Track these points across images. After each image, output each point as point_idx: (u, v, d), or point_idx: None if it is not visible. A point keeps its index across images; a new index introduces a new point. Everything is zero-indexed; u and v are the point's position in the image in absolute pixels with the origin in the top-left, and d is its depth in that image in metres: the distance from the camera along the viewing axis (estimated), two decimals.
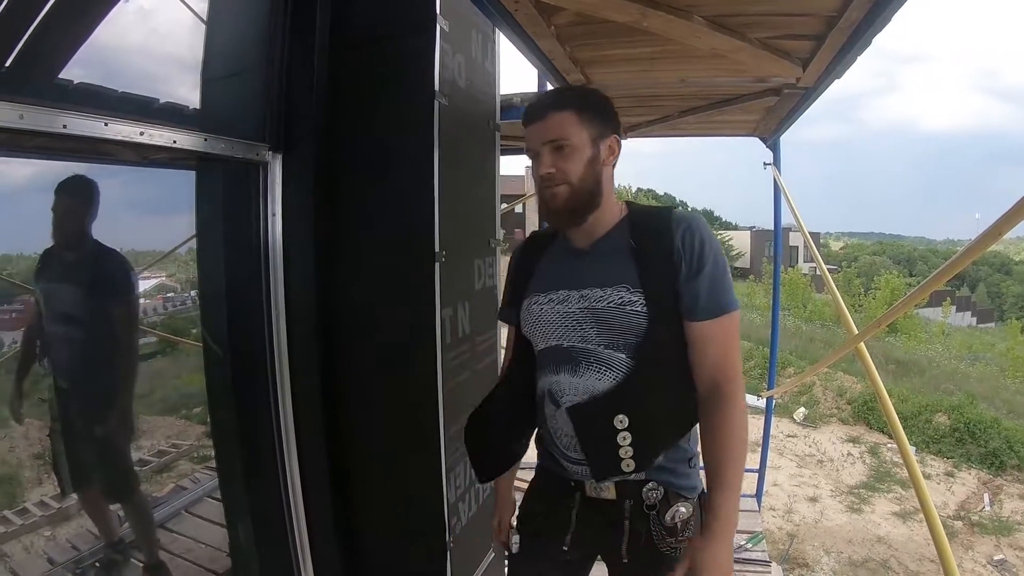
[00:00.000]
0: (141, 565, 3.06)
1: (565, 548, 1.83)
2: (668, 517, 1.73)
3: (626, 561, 1.77)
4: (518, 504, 2.07)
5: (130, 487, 3.08)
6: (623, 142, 1.82)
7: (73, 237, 2.64)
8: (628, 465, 1.67)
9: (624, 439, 1.66)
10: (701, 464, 1.76)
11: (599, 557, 1.92)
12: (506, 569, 2.10)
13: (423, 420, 2.31)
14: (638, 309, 1.65)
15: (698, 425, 1.75)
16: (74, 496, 3.26)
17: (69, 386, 2.86)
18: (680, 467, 1.77)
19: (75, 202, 2.61)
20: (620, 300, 1.67)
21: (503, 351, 2.21)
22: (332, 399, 2.34)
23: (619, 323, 1.67)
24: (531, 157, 1.75)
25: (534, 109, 1.73)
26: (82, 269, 2.73)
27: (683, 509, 1.73)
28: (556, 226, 1.80)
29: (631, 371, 1.68)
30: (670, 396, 1.71)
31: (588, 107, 1.72)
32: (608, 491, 1.76)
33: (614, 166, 1.79)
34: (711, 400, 1.66)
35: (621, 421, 1.65)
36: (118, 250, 2.79)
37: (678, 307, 1.66)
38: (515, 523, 2.02)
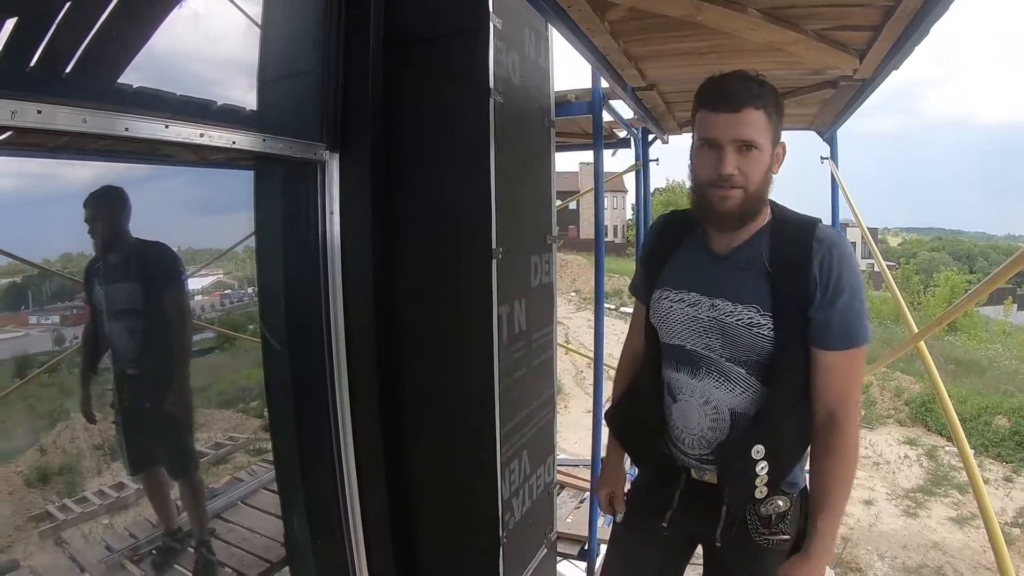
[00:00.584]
0: (193, 543, 3.16)
1: (664, 524, 1.89)
2: (764, 508, 1.74)
3: (719, 545, 1.81)
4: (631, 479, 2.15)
5: (189, 464, 3.18)
6: (680, 136, 1.83)
7: (112, 238, 2.75)
8: (762, 492, 1.71)
9: (762, 468, 1.68)
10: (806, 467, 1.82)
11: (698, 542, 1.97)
12: (611, 534, 2.17)
13: (479, 416, 2.33)
14: (765, 333, 1.65)
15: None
16: (134, 484, 3.38)
17: (131, 374, 2.96)
18: None
19: (107, 209, 2.73)
20: (749, 320, 1.67)
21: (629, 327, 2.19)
22: (388, 395, 2.37)
23: (744, 341, 1.68)
24: (706, 145, 1.65)
25: (727, 96, 1.62)
26: (128, 263, 2.83)
27: (780, 502, 1.74)
28: (716, 227, 1.74)
29: (755, 391, 1.71)
30: (799, 421, 1.71)
31: (777, 109, 1.67)
32: (710, 475, 1.80)
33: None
34: (827, 428, 1.67)
35: (758, 452, 1.67)
36: (162, 242, 2.88)
37: (806, 333, 1.65)
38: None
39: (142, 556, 3.20)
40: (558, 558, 3.45)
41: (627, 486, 2.17)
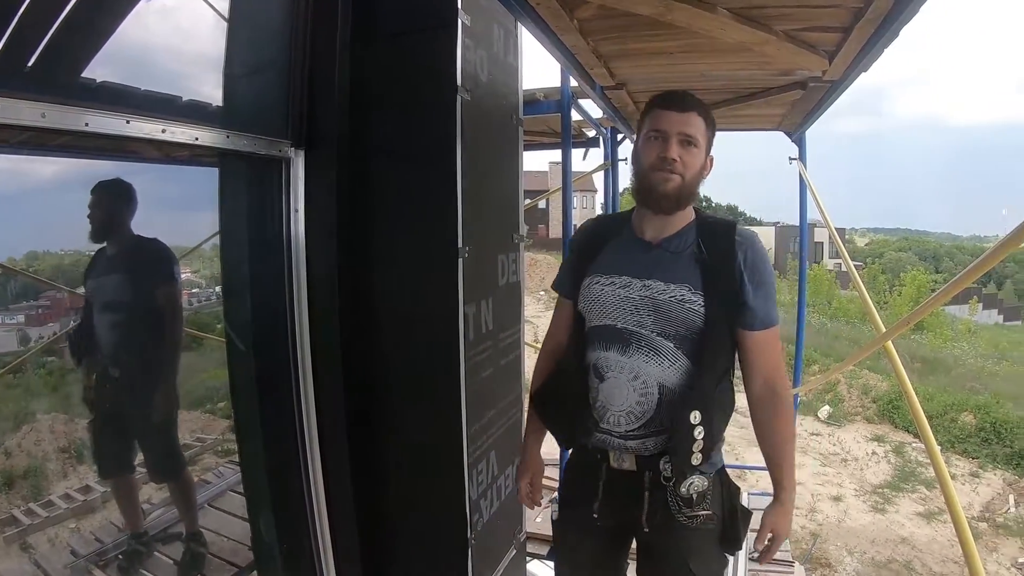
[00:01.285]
0: (182, 538, 3.12)
1: (595, 516, 1.98)
2: (684, 489, 1.88)
3: (647, 531, 1.93)
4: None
5: (177, 463, 3.14)
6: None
7: (115, 233, 2.70)
8: (697, 459, 1.85)
9: (699, 433, 1.83)
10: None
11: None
12: (553, 534, 2.22)
13: (446, 416, 2.32)
14: (696, 308, 1.84)
15: (752, 418, 1.96)
16: (100, 488, 3.31)
17: (116, 373, 2.91)
18: None
19: (115, 201, 2.67)
20: (682, 297, 1.85)
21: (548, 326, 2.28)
22: (355, 395, 2.34)
23: (676, 316, 1.85)
24: (654, 136, 1.90)
25: (678, 99, 1.91)
26: (126, 260, 2.77)
27: (698, 482, 1.89)
28: (654, 208, 1.93)
29: (687, 366, 1.87)
30: (722, 392, 1.91)
31: (712, 124, 1.96)
32: (629, 462, 1.93)
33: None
34: (769, 397, 1.91)
35: (695, 417, 1.82)
36: (160, 240, 2.84)
37: (730, 315, 1.88)
38: (557, 492, 2.21)
39: (108, 561, 3.14)
40: (528, 558, 3.44)
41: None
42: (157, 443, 3.07)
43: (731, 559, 4.21)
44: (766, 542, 1.95)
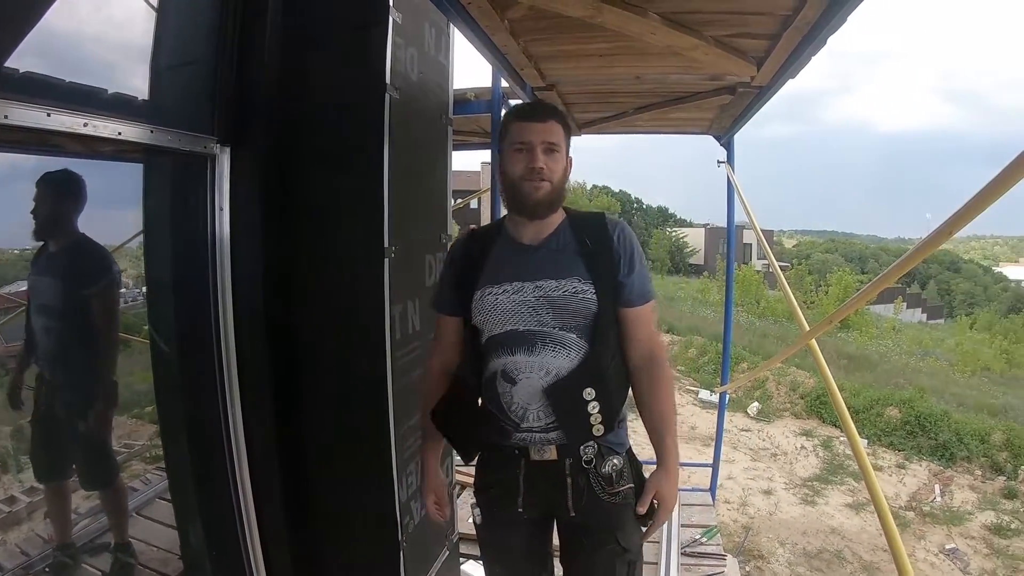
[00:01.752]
0: (111, 548, 3.01)
1: (520, 510, 2.04)
2: (605, 469, 1.99)
3: (573, 515, 2.01)
4: (470, 484, 2.29)
5: (112, 473, 3.03)
6: (579, 138, 2.02)
7: (57, 231, 2.57)
8: (598, 430, 1.94)
9: (594, 408, 1.93)
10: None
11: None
12: (477, 539, 2.23)
13: (374, 418, 2.30)
14: (589, 296, 1.93)
15: (632, 388, 2.07)
16: (25, 497, 3.17)
17: (54, 377, 2.79)
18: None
19: (61, 196, 2.54)
20: (574, 289, 1.93)
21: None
22: (281, 397, 2.31)
23: (573, 308, 1.93)
24: (517, 148, 1.95)
25: (536, 111, 2.01)
26: (66, 262, 2.66)
27: (616, 461, 2.01)
28: (529, 215, 1.99)
29: (586, 349, 1.95)
30: (616, 368, 2.00)
31: (568, 128, 2.03)
32: (550, 453, 1.99)
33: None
34: (650, 366, 2.03)
35: (589, 393, 1.92)
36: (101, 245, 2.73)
37: (615, 295, 1.98)
38: (473, 498, 2.18)
39: (37, 574, 3.01)
40: (461, 559, 3.43)
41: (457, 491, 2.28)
42: (92, 450, 2.96)
43: (664, 552, 4.31)
44: (651, 506, 2.01)
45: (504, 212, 2.10)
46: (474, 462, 2.19)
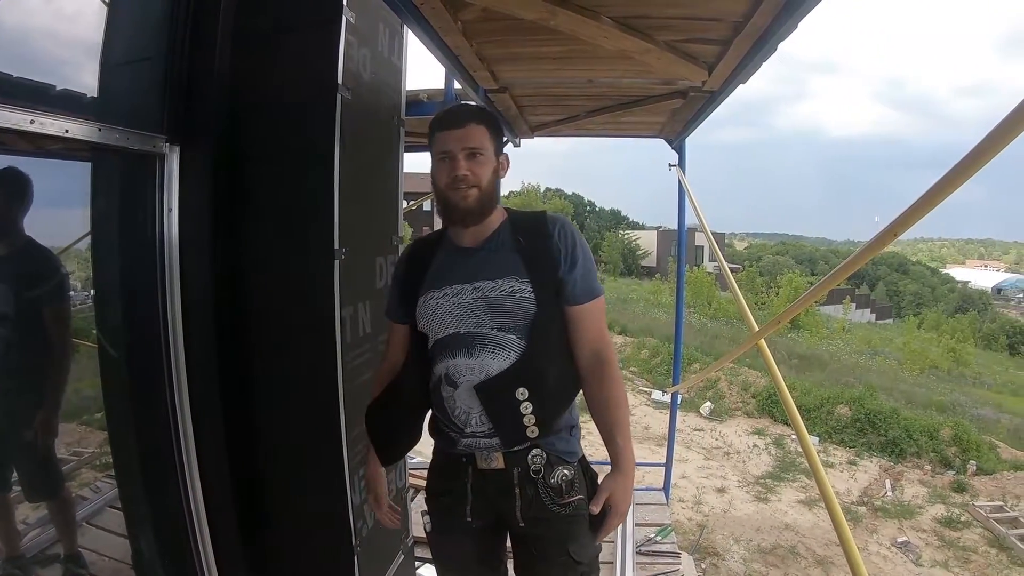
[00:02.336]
0: (61, 559, 2.93)
1: (469, 519, 2.01)
2: (553, 479, 1.95)
3: (522, 525, 1.98)
4: (423, 487, 2.22)
5: (58, 481, 2.95)
6: (532, 140, 1.98)
7: (2, 233, 2.48)
8: (532, 432, 1.90)
9: (526, 408, 1.88)
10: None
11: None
12: (428, 546, 2.21)
13: (324, 421, 2.28)
14: (527, 295, 1.90)
15: (583, 390, 2.02)
16: None
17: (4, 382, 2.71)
18: (561, 435, 2.00)
19: (7, 196, 2.45)
20: (511, 289, 1.91)
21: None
22: (231, 401, 2.28)
23: (510, 308, 1.90)
24: (441, 158, 1.92)
25: (454, 117, 1.94)
26: (11, 266, 2.58)
27: (566, 472, 1.97)
28: (461, 224, 1.96)
29: (523, 349, 1.91)
30: (558, 369, 1.96)
31: (495, 126, 1.99)
32: (497, 461, 1.96)
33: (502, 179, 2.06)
34: (597, 365, 1.98)
35: (522, 393, 1.88)
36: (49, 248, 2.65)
37: (558, 294, 1.94)
38: (424, 505, 2.15)
39: None
40: (417, 563, 3.42)
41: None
42: (37, 460, 2.88)
43: (619, 551, 4.34)
44: (603, 508, 1.96)
45: None
46: (414, 457, 2.17)
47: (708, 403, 14.42)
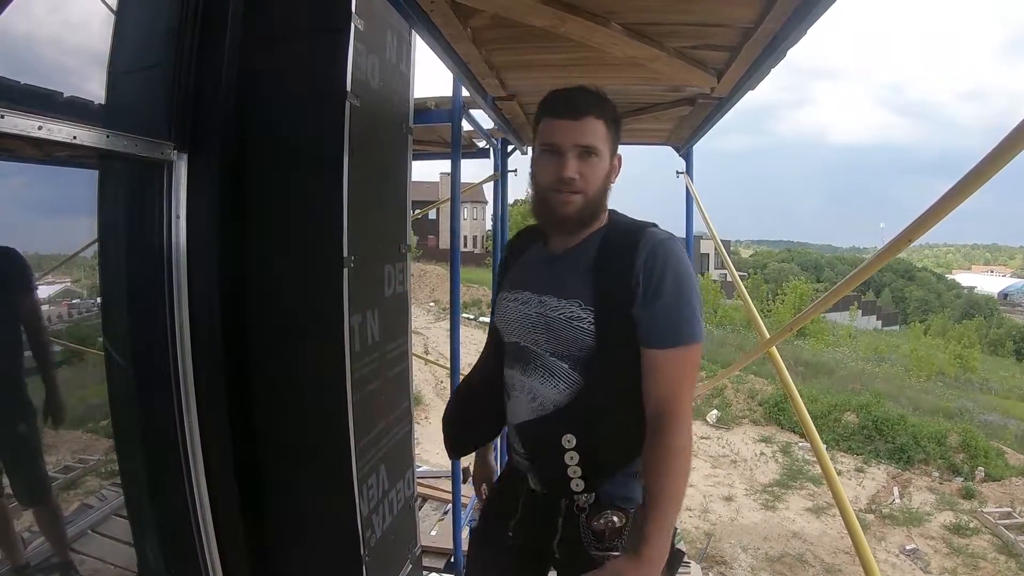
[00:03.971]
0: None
1: (510, 533, 1.88)
2: (598, 524, 1.72)
3: (557, 557, 1.82)
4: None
5: (43, 492, 2.94)
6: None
7: None
8: (578, 485, 1.71)
9: (572, 459, 1.68)
10: None
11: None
12: (469, 543, 2.17)
13: (333, 430, 2.27)
14: (585, 327, 1.66)
15: None
16: None
17: None
18: (617, 479, 1.75)
19: None
20: (571, 314, 1.68)
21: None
22: (239, 410, 2.27)
23: (566, 335, 1.69)
24: (547, 150, 1.70)
25: (569, 104, 1.70)
26: None
27: (615, 518, 1.72)
28: (556, 232, 1.79)
29: (578, 387, 1.69)
30: (621, 419, 1.69)
31: (615, 120, 1.73)
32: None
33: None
34: (655, 429, 1.63)
35: (568, 441, 1.68)
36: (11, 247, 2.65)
37: (630, 330, 1.65)
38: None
39: None
40: (424, 572, 3.40)
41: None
42: (19, 466, 2.86)
43: None
44: None
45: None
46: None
47: (715, 411, 14.42)
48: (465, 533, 2.95)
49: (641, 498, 1.71)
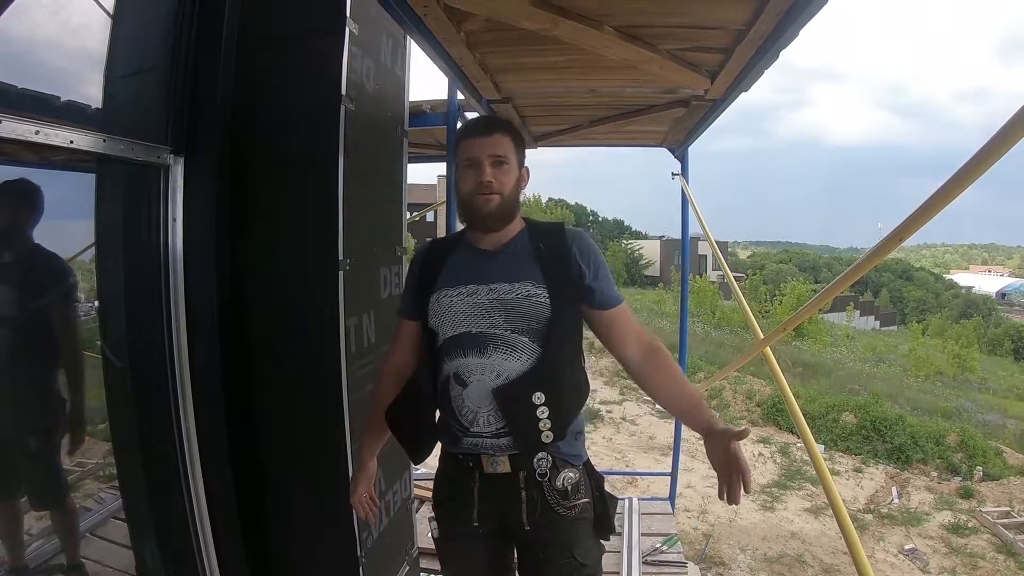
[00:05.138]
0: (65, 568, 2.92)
1: (476, 524, 2.02)
2: (559, 482, 1.97)
3: (528, 529, 1.99)
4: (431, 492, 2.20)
5: (61, 493, 2.94)
6: (535, 151, 1.99)
7: (11, 241, 2.50)
8: (547, 437, 1.92)
9: (543, 413, 1.91)
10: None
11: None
12: (437, 553, 2.20)
13: (329, 432, 2.28)
14: (542, 300, 1.93)
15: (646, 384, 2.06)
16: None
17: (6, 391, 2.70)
18: (567, 439, 2.00)
19: (16, 205, 2.47)
20: (527, 292, 1.94)
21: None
22: (236, 412, 2.28)
23: (525, 311, 1.93)
24: (467, 164, 1.98)
25: (481, 126, 2.03)
26: (20, 273, 2.58)
27: (571, 474, 1.99)
28: (483, 228, 2.01)
29: (538, 354, 1.94)
30: (572, 375, 2.01)
31: (519, 139, 2.05)
32: (503, 465, 1.97)
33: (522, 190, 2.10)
34: (651, 354, 2.03)
35: (539, 397, 1.90)
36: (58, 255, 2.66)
37: (574, 302, 2.00)
38: (431, 512, 2.15)
39: None
40: (422, 574, 3.41)
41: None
42: (41, 468, 2.87)
43: (625, 561, 4.33)
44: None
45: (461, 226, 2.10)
46: (419, 468, 2.16)
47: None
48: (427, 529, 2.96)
49: (585, 455, 2.08)
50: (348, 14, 2.29)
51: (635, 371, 2.04)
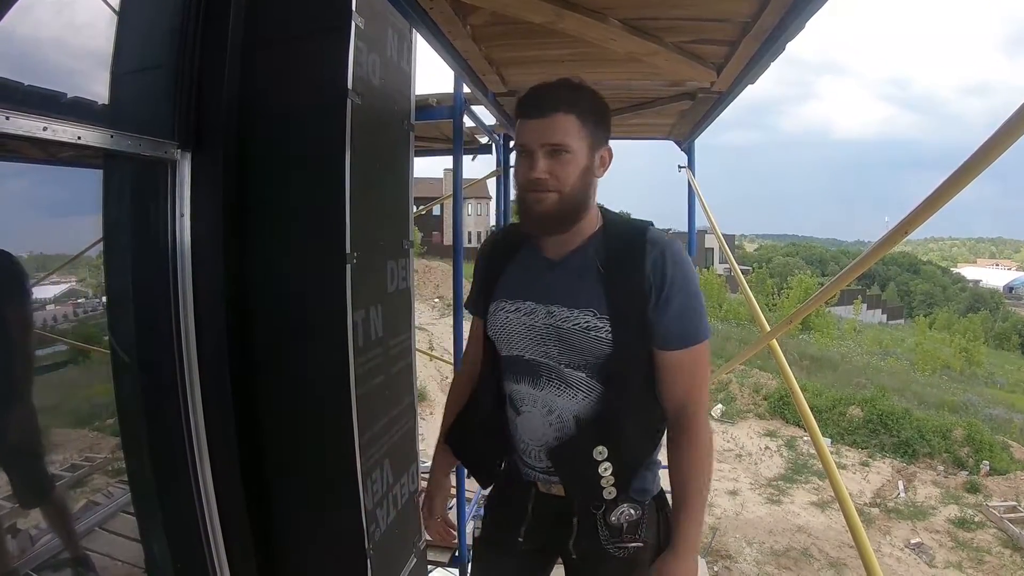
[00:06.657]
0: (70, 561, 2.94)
1: (520, 539, 1.85)
2: (614, 517, 1.72)
3: (574, 557, 1.81)
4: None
5: (44, 485, 2.95)
6: None
7: None
8: (610, 493, 1.70)
9: (605, 470, 1.67)
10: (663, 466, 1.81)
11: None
12: (473, 550, 2.12)
13: (337, 426, 2.28)
14: (603, 336, 1.64)
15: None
16: None
17: None
18: (638, 470, 1.77)
19: None
20: (586, 324, 1.65)
21: (466, 342, 2.15)
22: (243, 406, 2.28)
23: (582, 346, 1.66)
24: (520, 152, 1.68)
25: (536, 102, 1.65)
26: None
27: (631, 511, 1.73)
28: (534, 233, 1.75)
29: (598, 393, 1.68)
30: (641, 419, 1.72)
31: (592, 113, 1.67)
32: (558, 488, 1.77)
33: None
34: (677, 426, 1.70)
35: (600, 453, 1.66)
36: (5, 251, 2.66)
37: (645, 334, 1.66)
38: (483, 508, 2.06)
39: None
40: (429, 567, 3.42)
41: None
42: (20, 467, 2.88)
43: None
44: None
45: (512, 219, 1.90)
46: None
47: (719, 405, 14.42)
48: (470, 527, 2.95)
49: (655, 488, 1.80)
50: (354, 9, 2.28)
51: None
